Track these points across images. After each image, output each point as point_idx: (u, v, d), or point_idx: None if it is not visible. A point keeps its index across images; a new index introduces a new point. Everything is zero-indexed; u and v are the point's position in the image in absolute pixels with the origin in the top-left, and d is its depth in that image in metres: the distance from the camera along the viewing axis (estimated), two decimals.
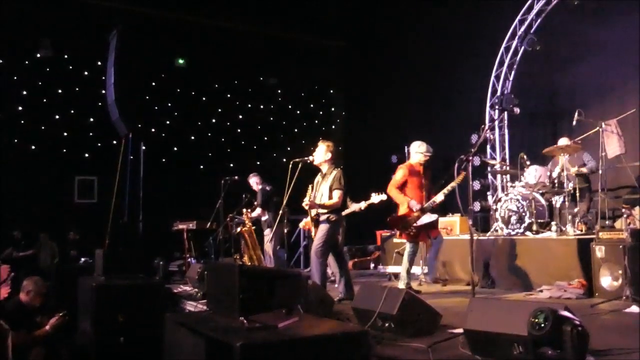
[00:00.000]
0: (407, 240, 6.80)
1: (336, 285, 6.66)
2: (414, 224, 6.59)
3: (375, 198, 7.52)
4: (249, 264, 8.19)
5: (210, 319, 3.50)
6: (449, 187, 6.52)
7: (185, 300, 6.64)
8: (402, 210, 6.75)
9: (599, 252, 6.10)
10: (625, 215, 6.65)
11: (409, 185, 6.74)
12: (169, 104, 12.72)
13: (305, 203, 6.28)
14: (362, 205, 7.76)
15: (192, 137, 12.91)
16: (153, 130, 12.43)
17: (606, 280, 6.06)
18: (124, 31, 10.14)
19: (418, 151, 6.86)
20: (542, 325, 2.88)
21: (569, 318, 2.93)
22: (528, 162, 8.20)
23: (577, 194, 7.41)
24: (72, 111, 11.95)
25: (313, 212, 6.36)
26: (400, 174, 6.80)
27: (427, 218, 6.58)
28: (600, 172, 7.67)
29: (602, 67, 9.46)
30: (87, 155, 12.08)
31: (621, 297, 5.75)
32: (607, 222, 7.53)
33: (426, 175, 6.82)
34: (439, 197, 6.62)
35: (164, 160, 12.51)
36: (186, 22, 12.25)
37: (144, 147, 10.52)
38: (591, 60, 9.62)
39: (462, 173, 6.14)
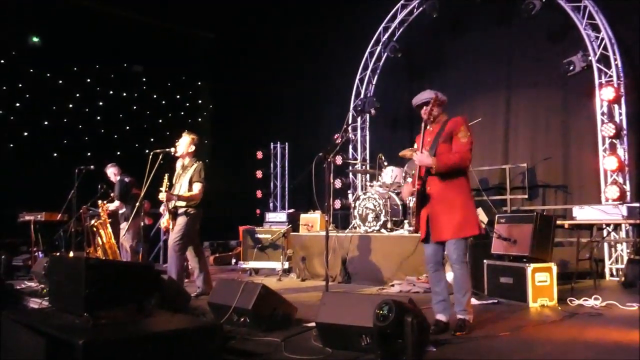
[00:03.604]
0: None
1: (194, 280, 6.57)
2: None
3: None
4: (104, 258, 7.82)
5: (54, 316, 3.30)
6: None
7: (28, 297, 6.16)
8: None
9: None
10: None
11: None
12: (20, 85, 11.72)
13: (162, 194, 6.06)
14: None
15: (46, 122, 12.00)
16: (0, 112, 11.39)
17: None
18: None
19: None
20: (386, 316, 3.03)
21: (411, 310, 3.11)
22: (385, 163, 8.62)
23: None
24: None
25: (170, 204, 6.18)
26: None
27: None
28: None
29: (456, 77, 10.19)
30: None
31: None
32: None
33: (435, 136, 4.51)
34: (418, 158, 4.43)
35: (11, 145, 11.52)
36: None
37: None
38: (446, 70, 10.34)
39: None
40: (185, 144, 6.41)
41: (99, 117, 12.76)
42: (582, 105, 8.41)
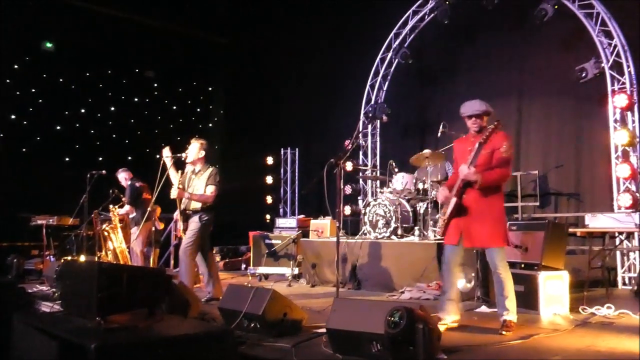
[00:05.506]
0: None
1: (204, 285, 6.58)
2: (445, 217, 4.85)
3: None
4: (114, 262, 7.86)
5: (65, 319, 3.32)
6: None
7: (40, 301, 6.17)
8: None
9: None
10: None
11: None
12: (33, 90, 11.82)
13: (174, 190, 6.11)
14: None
15: (58, 127, 12.09)
16: (13, 117, 11.50)
17: (461, 282, 6.50)
18: None
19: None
20: (398, 323, 3.02)
21: (422, 317, 3.10)
22: (396, 170, 8.61)
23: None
24: None
25: (183, 204, 6.23)
26: None
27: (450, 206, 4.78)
28: None
29: (467, 84, 10.15)
30: None
31: (474, 298, 6.23)
32: None
33: (482, 149, 4.61)
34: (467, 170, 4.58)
35: (24, 149, 11.62)
36: (56, 1, 11.49)
37: (0, 135, 9.71)
38: (457, 76, 10.31)
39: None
40: (195, 150, 6.44)
41: (110, 122, 12.83)
42: (595, 112, 8.36)
